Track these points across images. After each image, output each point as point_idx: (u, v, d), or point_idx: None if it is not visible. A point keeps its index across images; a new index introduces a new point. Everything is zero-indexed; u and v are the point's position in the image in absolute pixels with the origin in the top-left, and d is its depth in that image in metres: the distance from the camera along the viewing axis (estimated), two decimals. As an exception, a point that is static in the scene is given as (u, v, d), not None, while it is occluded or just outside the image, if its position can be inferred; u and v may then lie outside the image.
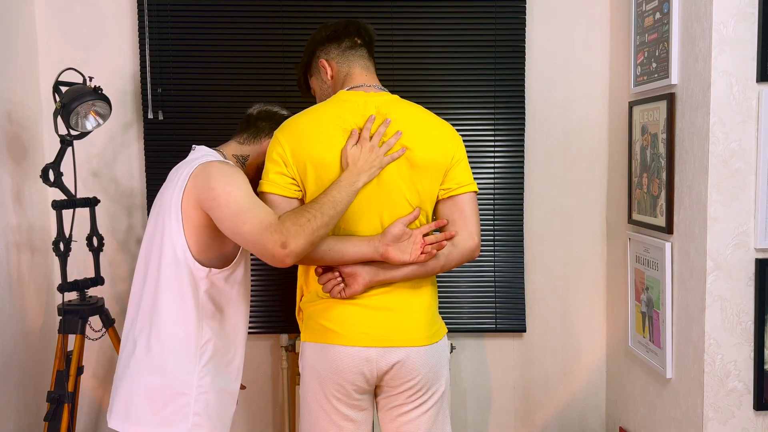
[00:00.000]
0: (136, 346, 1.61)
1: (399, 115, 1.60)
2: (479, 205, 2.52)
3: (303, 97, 1.80)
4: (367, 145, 1.54)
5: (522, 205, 2.66)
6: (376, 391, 1.67)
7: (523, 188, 2.65)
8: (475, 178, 2.18)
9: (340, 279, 1.59)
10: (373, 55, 1.72)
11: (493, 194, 2.64)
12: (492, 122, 2.61)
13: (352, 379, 1.60)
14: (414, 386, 1.64)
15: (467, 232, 1.64)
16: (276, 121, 1.73)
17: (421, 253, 1.57)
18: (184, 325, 1.58)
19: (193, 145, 1.70)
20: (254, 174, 1.70)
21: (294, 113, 1.70)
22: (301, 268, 1.70)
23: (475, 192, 1.68)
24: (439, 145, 1.62)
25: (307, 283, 1.68)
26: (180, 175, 1.58)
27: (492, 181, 2.64)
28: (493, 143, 2.62)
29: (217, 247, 1.60)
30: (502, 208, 2.65)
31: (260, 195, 1.57)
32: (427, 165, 1.60)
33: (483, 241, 2.58)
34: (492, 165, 2.64)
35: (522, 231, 2.67)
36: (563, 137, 2.68)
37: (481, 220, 2.57)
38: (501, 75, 2.57)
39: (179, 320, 1.58)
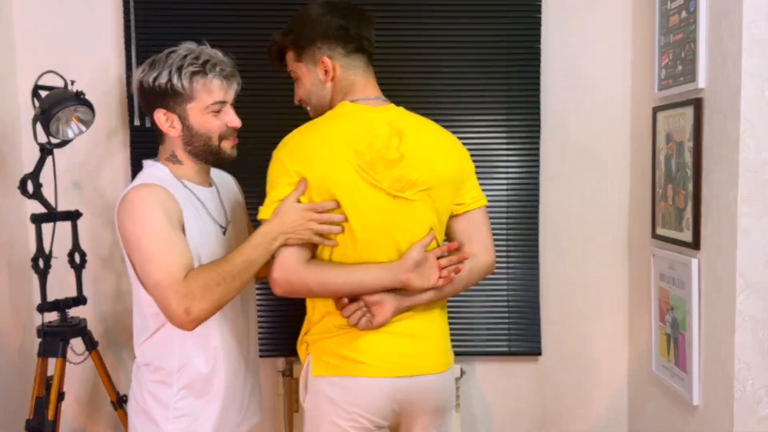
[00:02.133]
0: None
1: (413, 131, 1.61)
2: (490, 219, 2.30)
3: (271, 68, 1.74)
4: (309, 214, 1.53)
5: (537, 219, 2.66)
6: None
7: (538, 201, 2.65)
8: (486, 191, 2.20)
9: (366, 309, 1.60)
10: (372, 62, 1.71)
11: (506, 208, 2.65)
12: (505, 130, 2.62)
13: (382, 412, 1.63)
14: (432, 414, 1.68)
15: (484, 248, 1.68)
16: (166, 59, 1.63)
17: (439, 277, 1.60)
18: (151, 347, 1.63)
19: (143, 161, 1.69)
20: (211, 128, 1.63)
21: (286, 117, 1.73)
22: (308, 301, 1.70)
23: (486, 205, 1.72)
24: (454, 160, 1.65)
25: (314, 314, 1.68)
26: None
27: (505, 193, 2.65)
28: (506, 152, 2.63)
29: None
30: (515, 222, 2.66)
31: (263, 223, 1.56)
32: (446, 182, 1.62)
33: (497, 256, 2.41)
34: (505, 176, 2.65)
35: (537, 247, 2.67)
36: (582, 146, 2.69)
37: (494, 235, 2.02)
38: (514, 78, 2.57)
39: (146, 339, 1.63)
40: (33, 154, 2.38)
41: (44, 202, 2.23)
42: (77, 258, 2.36)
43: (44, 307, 2.22)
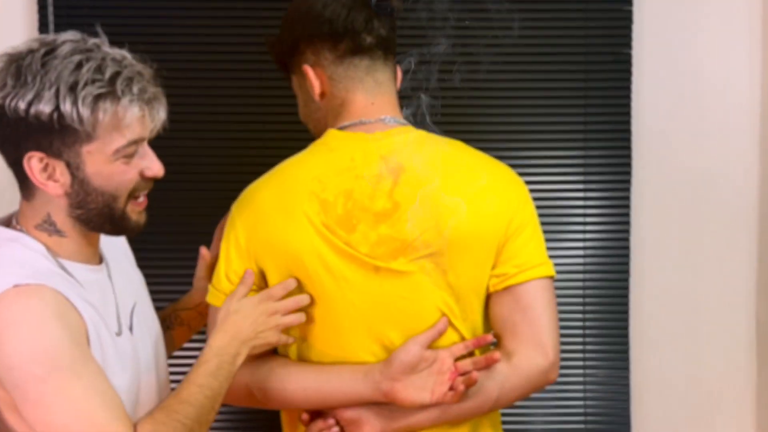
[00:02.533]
0: None
1: (421, 166, 1.45)
2: (560, 299, 2.23)
3: (285, 80, 1.63)
4: (270, 306, 1.43)
5: (627, 296, 2.35)
6: None
7: (628, 270, 2.35)
8: (552, 256, 1.86)
9: (337, 429, 1.48)
10: (394, 59, 1.53)
11: (583, 280, 2.36)
12: (580, 170, 2.33)
13: None
14: None
15: (534, 345, 1.46)
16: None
17: (450, 389, 1.40)
18: None
19: None
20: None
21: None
22: (283, 414, 1.58)
23: (550, 277, 1.48)
24: (487, 205, 1.46)
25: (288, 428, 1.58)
26: None
27: (581, 259, 2.35)
28: (582, 201, 2.34)
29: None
30: (595, 301, 2.37)
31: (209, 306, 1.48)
32: (468, 240, 1.44)
33: (568, 353, 2.37)
34: (581, 235, 2.35)
35: (627, 336, 2.36)
36: (689, 191, 2.39)
37: (566, 320, 2.36)
38: (594, 102, 2.30)
39: None
40: None
41: None
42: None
43: None
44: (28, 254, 1.32)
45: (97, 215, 1.36)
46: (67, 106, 1.26)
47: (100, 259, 1.46)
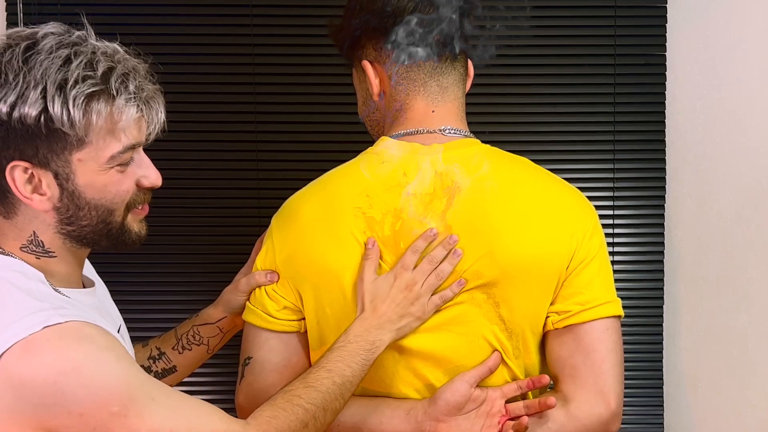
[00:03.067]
0: None
1: (479, 186, 1.39)
2: None
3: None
4: (406, 276, 1.35)
5: (660, 324, 2.25)
6: None
7: (662, 297, 2.24)
8: None
9: None
10: (465, 59, 1.47)
11: None
12: (609, 185, 2.24)
13: None
14: None
15: (595, 392, 1.39)
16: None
17: None
18: None
19: None
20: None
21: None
22: None
23: (617, 317, 1.42)
24: (550, 233, 1.40)
25: None
26: None
27: None
28: (610, 220, 2.26)
29: None
30: (626, 331, 2.07)
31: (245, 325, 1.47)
32: (522, 270, 1.37)
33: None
34: (609, 258, 2.03)
35: (660, 370, 2.25)
36: (730, 208, 2.29)
37: None
38: (624, 109, 2.24)
39: None
40: None
41: None
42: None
43: None
44: (34, 285, 1.24)
45: (90, 231, 1.29)
46: (56, 108, 1.17)
47: (92, 281, 1.42)
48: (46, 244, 1.27)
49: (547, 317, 1.41)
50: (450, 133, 1.43)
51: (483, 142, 1.46)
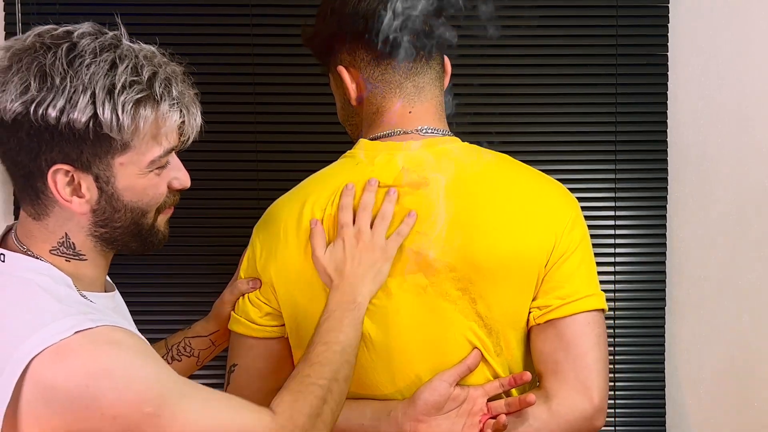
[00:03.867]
0: None
1: (454, 176, 1.38)
2: None
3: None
4: (350, 232, 1.37)
5: (663, 326, 2.24)
6: None
7: (664, 298, 2.24)
8: None
9: None
10: (440, 57, 1.46)
11: (613, 309, 2.25)
12: (611, 186, 2.25)
13: None
14: None
15: (578, 387, 1.37)
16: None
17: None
18: None
19: None
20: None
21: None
22: None
23: (600, 311, 1.40)
24: (527, 227, 1.39)
25: None
26: None
27: (611, 285, 2.27)
28: (612, 221, 2.26)
29: None
30: (627, 333, 2.29)
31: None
32: (499, 265, 1.36)
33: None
34: (611, 259, 2.27)
35: (662, 372, 2.25)
36: (733, 210, 2.29)
37: None
38: (626, 110, 2.24)
39: None
40: None
41: None
42: None
43: None
44: (62, 290, 1.25)
45: (123, 233, 1.31)
46: (106, 113, 1.19)
47: (113, 286, 1.45)
48: (78, 246, 1.29)
49: (530, 313, 1.41)
50: (427, 132, 1.43)
51: (485, 143, 1.45)
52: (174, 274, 2.11)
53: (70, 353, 1.14)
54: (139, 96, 1.22)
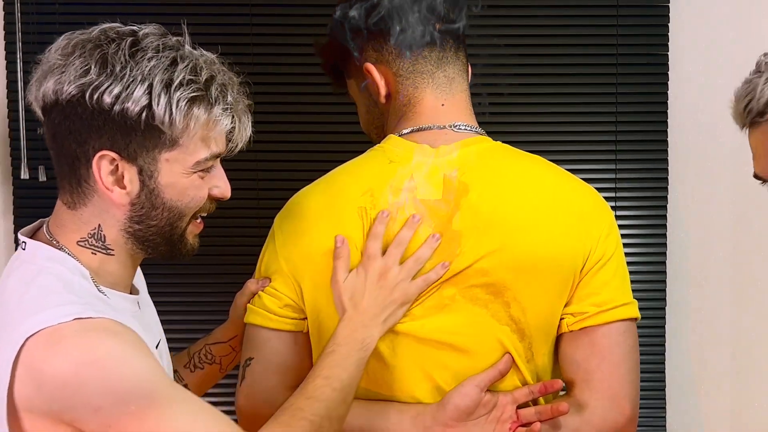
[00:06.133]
0: None
1: (489, 184, 1.35)
2: None
3: (334, 91, 1.59)
4: (376, 266, 1.32)
5: (663, 326, 2.24)
6: None
7: (664, 299, 2.24)
8: None
9: None
10: (465, 51, 1.45)
11: None
12: (611, 185, 2.25)
13: None
14: None
15: (610, 397, 1.36)
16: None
17: None
18: None
19: (21, 237, 1.30)
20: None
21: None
22: None
23: (634, 320, 1.39)
24: (565, 232, 1.36)
25: None
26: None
27: None
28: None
29: None
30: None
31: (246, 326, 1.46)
32: (535, 269, 1.33)
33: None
34: None
35: (663, 372, 2.25)
36: (734, 210, 2.29)
37: None
38: (627, 109, 2.24)
39: None
40: None
41: None
42: None
43: None
44: (76, 280, 1.25)
45: (155, 233, 1.31)
46: (160, 106, 1.21)
47: (137, 289, 1.44)
48: (108, 240, 1.29)
49: (562, 319, 1.39)
50: (460, 129, 1.41)
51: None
52: (174, 274, 2.10)
53: (64, 339, 1.14)
54: (195, 95, 1.23)
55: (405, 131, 1.40)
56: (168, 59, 1.24)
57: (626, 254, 2.11)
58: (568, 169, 2.11)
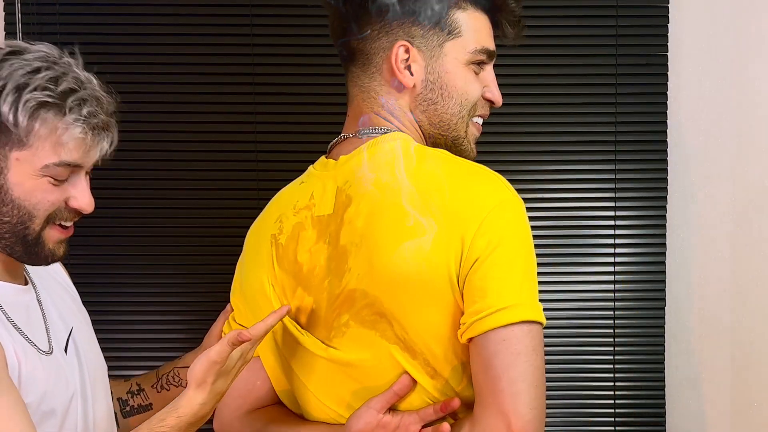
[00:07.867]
0: None
1: (370, 190, 1.29)
2: (589, 329, 2.27)
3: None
4: (213, 354, 1.27)
5: (662, 326, 2.21)
6: None
7: (664, 299, 2.21)
8: (580, 281, 2.08)
9: None
10: (381, 57, 1.37)
11: (613, 309, 2.24)
12: (611, 186, 2.23)
13: None
14: None
15: (495, 412, 1.22)
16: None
17: None
18: None
19: None
20: None
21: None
22: None
23: (523, 323, 1.21)
24: (431, 241, 1.25)
25: None
26: None
27: (611, 285, 2.24)
28: (612, 221, 2.24)
29: None
30: (627, 333, 2.26)
31: None
32: (402, 283, 1.24)
33: (598, 390, 2.28)
34: (611, 259, 2.24)
35: (662, 372, 2.21)
36: (734, 212, 2.27)
37: (594, 354, 2.29)
38: (626, 110, 2.21)
39: None
40: None
41: None
42: None
43: None
44: None
45: (8, 232, 1.33)
46: (5, 106, 1.26)
47: (26, 280, 1.45)
48: None
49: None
50: (364, 134, 1.37)
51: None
52: (173, 274, 2.09)
53: None
54: (45, 100, 1.26)
55: (330, 145, 1.40)
56: (32, 68, 1.28)
57: (626, 254, 2.14)
58: (568, 170, 2.13)
